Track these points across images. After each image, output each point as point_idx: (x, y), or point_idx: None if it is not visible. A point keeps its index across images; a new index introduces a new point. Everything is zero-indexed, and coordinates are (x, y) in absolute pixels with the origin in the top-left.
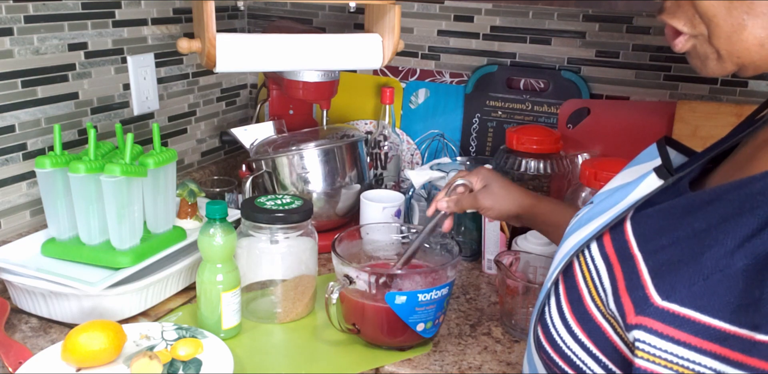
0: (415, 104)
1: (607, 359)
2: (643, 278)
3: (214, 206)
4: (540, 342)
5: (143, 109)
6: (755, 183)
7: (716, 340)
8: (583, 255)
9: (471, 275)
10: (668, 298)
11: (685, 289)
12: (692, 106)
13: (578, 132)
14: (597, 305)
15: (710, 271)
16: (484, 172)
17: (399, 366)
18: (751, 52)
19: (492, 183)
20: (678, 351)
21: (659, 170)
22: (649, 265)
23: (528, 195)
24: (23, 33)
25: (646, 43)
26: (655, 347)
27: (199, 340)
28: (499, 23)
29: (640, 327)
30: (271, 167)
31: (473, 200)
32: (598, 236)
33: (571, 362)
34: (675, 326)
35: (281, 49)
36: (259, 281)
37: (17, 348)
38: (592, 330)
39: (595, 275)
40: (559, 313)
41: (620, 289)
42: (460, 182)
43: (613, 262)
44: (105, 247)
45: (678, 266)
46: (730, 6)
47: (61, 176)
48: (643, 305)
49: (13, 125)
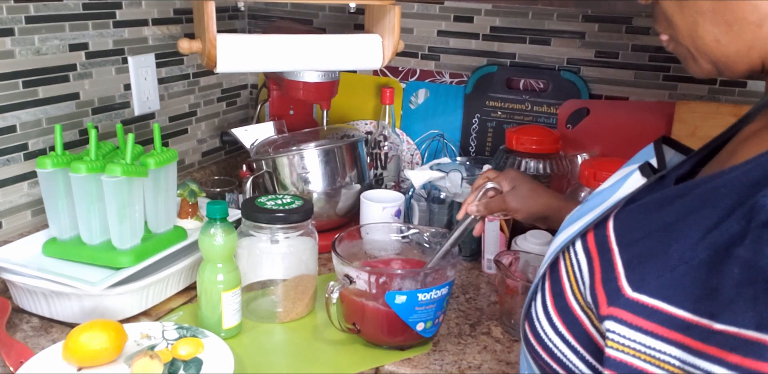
0: (415, 105)
1: (584, 350)
2: (617, 271)
3: (215, 206)
4: (527, 336)
5: (144, 109)
6: (721, 177)
7: (680, 329)
8: (569, 252)
9: (471, 274)
10: (638, 289)
11: (654, 280)
12: (691, 106)
13: (578, 132)
14: (576, 298)
15: (677, 263)
16: (513, 174)
17: (399, 366)
18: (711, 48)
19: (520, 185)
20: (646, 341)
21: (643, 168)
22: (624, 258)
23: (555, 197)
24: (24, 33)
25: (646, 44)
26: (625, 337)
27: (200, 340)
28: (498, 24)
29: (611, 317)
30: (271, 167)
31: (502, 203)
32: (584, 233)
33: (553, 354)
34: (644, 316)
35: (281, 49)
36: (259, 280)
37: (18, 348)
38: (571, 322)
39: (577, 270)
40: (543, 307)
41: (596, 281)
42: (491, 185)
43: (594, 256)
44: (106, 247)
45: (648, 259)
46: (681, 5)
47: (63, 176)
48: (615, 296)
49: (14, 125)
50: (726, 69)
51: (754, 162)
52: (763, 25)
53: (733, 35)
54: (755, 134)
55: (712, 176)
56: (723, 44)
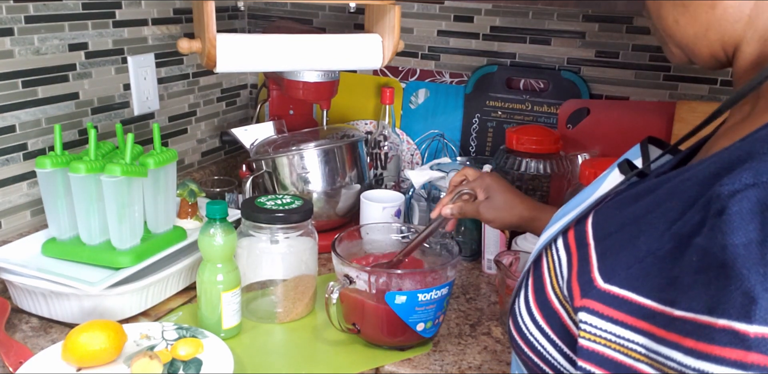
0: (415, 104)
1: (562, 342)
2: (592, 263)
3: (215, 206)
4: (511, 333)
5: (143, 109)
6: (689, 171)
7: (646, 318)
8: (551, 249)
9: (471, 275)
10: (609, 281)
11: (623, 272)
12: (692, 106)
13: (578, 132)
14: (555, 292)
15: (644, 254)
16: (488, 181)
17: (399, 366)
18: (673, 30)
19: (494, 195)
20: (615, 330)
21: (621, 166)
22: (598, 251)
23: (530, 208)
24: (24, 33)
25: (646, 44)
26: (596, 327)
27: (200, 340)
28: (499, 23)
29: (584, 308)
30: (271, 167)
31: (475, 212)
32: (565, 230)
33: (534, 348)
34: (614, 306)
35: (281, 49)
36: (259, 281)
37: (18, 348)
38: (550, 315)
39: (557, 265)
40: (525, 303)
41: (573, 275)
42: (466, 190)
43: (573, 251)
44: (105, 247)
45: (619, 251)
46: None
47: (62, 176)
48: (588, 288)
49: (13, 125)
50: (691, 54)
51: (718, 155)
52: (715, 7)
53: (689, 16)
54: (728, 132)
55: (681, 171)
56: (681, 26)
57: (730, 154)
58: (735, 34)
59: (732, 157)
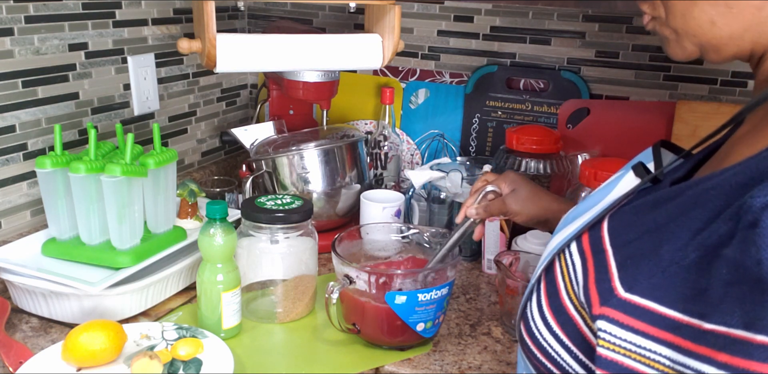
0: (415, 104)
1: (578, 349)
2: (611, 271)
3: (215, 206)
4: (522, 337)
5: (143, 109)
6: (713, 179)
7: (670, 329)
8: (564, 253)
9: (471, 275)
10: (630, 290)
11: (645, 281)
12: (692, 106)
13: (578, 132)
14: (570, 297)
15: (667, 264)
16: (512, 176)
17: (399, 366)
18: (704, 29)
19: (520, 188)
20: (637, 340)
21: (636, 168)
22: (617, 259)
23: (555, 200)
24: (24, 33)
25: (646, 44)
26: (616, 336)
27: (200, 340)
28: (499, 23)
29: (603, 317)
30: (271, 167)
31: (501, 205)
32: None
33: (547, 353)
34: (635, 316)
35: (281, 49)
36: (259, 281)
37: (18, 348)
38: (565, 322)
39: (572, 270)
40: (539, 307)
41: (590, 281)
42: (491, 188)
43: (588, 257)
44: (105, 247)
45: (640, 260)
46: None
47: (62, 176)
48: (608, 296)
49: (13, 125)
50: (712, 52)
51: (743, 164)
52: (763, 8)
53: (731, 17)
54: (745, 137)
55: (703, 179)
56: (718, 26)
57: (758, 164)
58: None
59: (761, 167)
